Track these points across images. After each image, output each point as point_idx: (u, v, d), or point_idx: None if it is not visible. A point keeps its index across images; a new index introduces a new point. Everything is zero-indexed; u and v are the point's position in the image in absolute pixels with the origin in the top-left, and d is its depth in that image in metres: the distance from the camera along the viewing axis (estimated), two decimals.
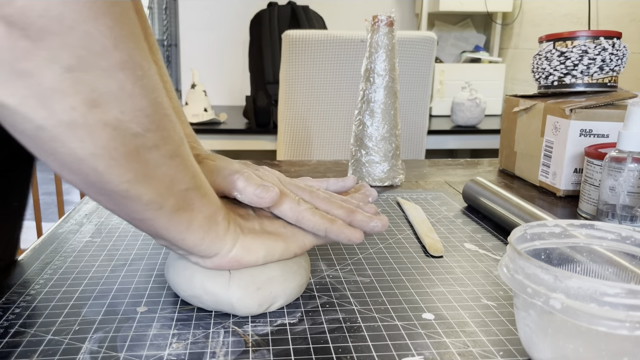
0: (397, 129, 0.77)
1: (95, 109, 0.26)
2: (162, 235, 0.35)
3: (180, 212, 0.34)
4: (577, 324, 0.27)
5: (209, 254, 0.37)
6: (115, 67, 0.27)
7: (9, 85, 0.25)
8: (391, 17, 0.73)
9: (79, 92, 0.26)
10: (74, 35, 0.25)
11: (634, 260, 0.35)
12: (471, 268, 0.48)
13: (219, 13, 2.39)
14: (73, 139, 0.27)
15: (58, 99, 0.25)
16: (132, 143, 0.29)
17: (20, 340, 0.35)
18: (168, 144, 0.31)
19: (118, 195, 0.30)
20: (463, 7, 2.24)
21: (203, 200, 0.35)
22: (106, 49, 0.26)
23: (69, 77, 0.25)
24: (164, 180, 0.32)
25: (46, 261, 0.48)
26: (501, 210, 0.58)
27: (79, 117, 0.26)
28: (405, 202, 0.67)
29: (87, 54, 0.25)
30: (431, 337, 0.36)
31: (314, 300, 0.42)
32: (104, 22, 0.26)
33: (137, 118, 0.28)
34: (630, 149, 0.52)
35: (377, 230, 0.42)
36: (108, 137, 0.27)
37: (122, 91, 0.27)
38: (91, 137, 0.27)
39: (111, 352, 0.34)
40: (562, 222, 0.37)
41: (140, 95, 0.28)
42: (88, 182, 0.29)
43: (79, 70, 0.25)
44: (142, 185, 0.30)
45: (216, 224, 0.37)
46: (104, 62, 0.26)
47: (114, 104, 0.27)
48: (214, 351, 0.34)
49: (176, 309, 0.40)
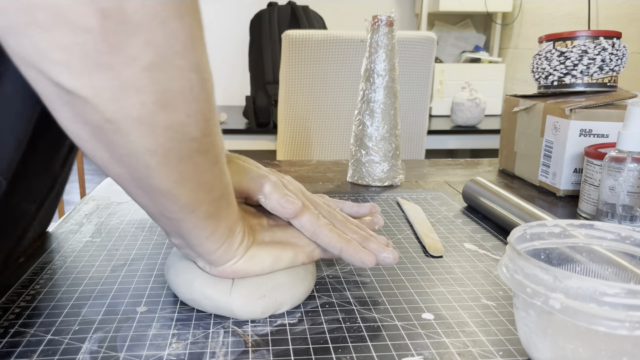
0: (397, 129, 0.77)
1: (164, 109, 0.27)
2: (184, 236, 0.35)
3: (209, 219, 0.34)
4: (576, 324, 0.27)
5: (218, 263, 0.37)
6: (189, 68, 0.27)
7: (88, 76, 0.24)
8: (391, 17, 0.73)
9: (153, 91, 0.26)
10: (161, 33, 0.25)
11: (633, 260, 0.35)
12: (471, 268, 0.48)
13: (218, 13, 2.39)
14: (135, 134, 0.27)
15: (131, 94, 0.25)
16: (188, 146, 0.29)
17: (20, 340, 0.35)
18: (215, 150, 0.31)
19: (159, 193, 0.30)
20: (463, 7, 2.24)
21: (229, 210, 0.36)
22: (185, 49, 0.26)
23: (146, 76, 0.25)
24: (204, 186, 0.32)
25: (46, 261, 0.48)
26: (501, 210, 0.58)
27: (147, 115, 0.26)
28: (405, 202, 0.67)
29: (169, 53, 0.25)
30: (431, 337, 0.36)
31: (314, 300, 0.42)
32: (188, 22, 0.26)
33: (199, 122, 0.29)
34: (630, 149, 0.52)
35: (388, 262, 0.41)
36: (168, 137, 0.28)
37: (191, 93, 0.27)
38: (153, 134, 0.27)
39: (111, 352, 0.34)
40: (562, 222, 0.37)
41: (204, 100, 0.28)
42: (134, 176, 0.29)
43: (157, 69, 0.25)
44: (184, 187, 0.31)
45: (233, 235, 0.37)
46: (181, 62, 0.26)
47: (182, 105, 0.27)
48: (213, 351, 0.34)
49: (176, 309, 0.40)
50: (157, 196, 0.31)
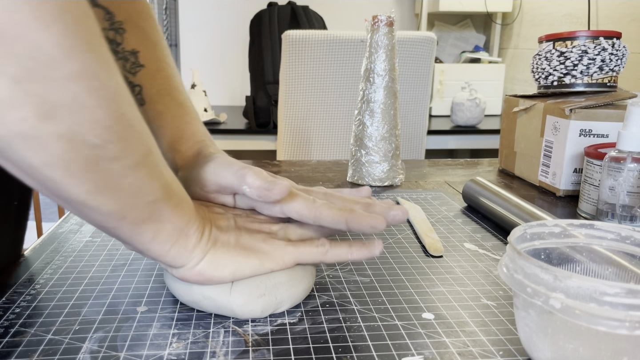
0: (397, 129, 0.77)
1: (47, 121, 0.25)
2: (127, 242, 0.35)
3: (146, 223, 0.33)
4: (577, 324, 0.27)
5: (174, 265, 0.37)
6: (67, 78, 0.25)
7: None
8: (391, 17, 0.73)
9: (28, 104, 0.25)
10: (20, 46, 0.24)
11: (633, 260, 0.35)
12: (471, 268, 0.48)
13: (219, 13, 2.39)
14: (26, 149, 0.26)
15: (7, 110, 0.24)
16: (90, 154, 0.28)
17: (21, 340, 0.35)
18: (132, 155, 0.30)
19: (77, 204, 0.29)
20: (463, 7, 2.24)
21: (174, 211, 0.35)
22: (55, 60, 0.25)
23: (17, 89, 0.24)
24: (127, 192, 0.31)
25: (46, 261, 0.48)
26: (501, 210, 0.58)
27: (29, 129, 0.25)
28: (405, 202, 0.67)
29: (35, 65, 0.24)
30: (431, 337, 0.36)
31: (314, 300, 0.42)
32: (54, 32, 0.25)
33: (95, 130, 0.27)
34: (629, 149, 0.53)
35: (399, 218, 0.40)
36: (63, 149, 0.26)
37: (76, 102, 0.26)
38: (45, 148, 0.26)
39: (111, 351, 0.34)
40: (562, 221, 0.37)
41: (97, 107, 0.27)
42: (47, 189, 0.29)
43: (27, 82, 0.24)
44: (102, 196, 0.30)
45: (186, 237, 0.36)
46: (54, 73, 0.25)
47: (67, 115, 0.26)
48: (214, 351, 0.34)
49: (176, 308, 0.40)
50: (78, 207, 0.30)
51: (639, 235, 0.35)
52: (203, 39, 2.41)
